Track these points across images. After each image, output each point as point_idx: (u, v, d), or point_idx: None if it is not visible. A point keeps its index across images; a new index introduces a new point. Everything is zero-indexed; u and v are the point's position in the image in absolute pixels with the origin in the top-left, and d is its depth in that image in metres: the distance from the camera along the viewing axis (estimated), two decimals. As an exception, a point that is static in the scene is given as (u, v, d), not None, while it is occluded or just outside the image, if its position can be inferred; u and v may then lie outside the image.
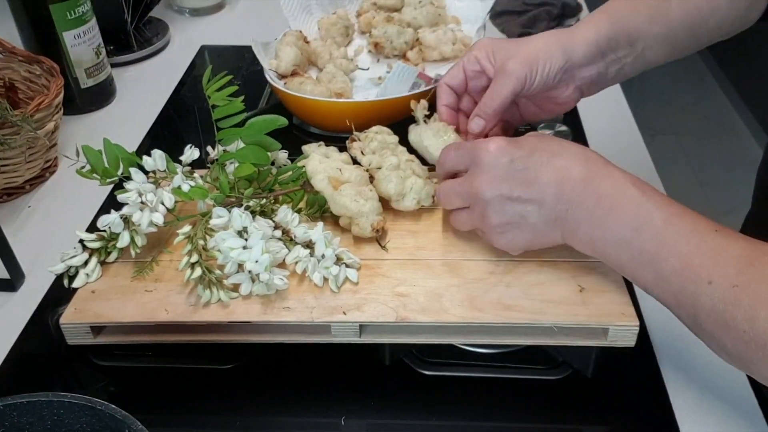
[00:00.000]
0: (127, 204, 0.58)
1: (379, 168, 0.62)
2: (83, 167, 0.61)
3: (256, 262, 0.54)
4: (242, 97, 0.63)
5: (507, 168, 0.52)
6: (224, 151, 0.64)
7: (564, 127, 0.80)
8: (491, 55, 0.63)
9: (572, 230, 0.51)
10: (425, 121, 0.66)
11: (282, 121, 0.64)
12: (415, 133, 0.65)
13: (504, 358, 0.58)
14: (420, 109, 0.65)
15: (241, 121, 0.64)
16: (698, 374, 0.58)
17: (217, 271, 0.55)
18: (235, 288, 0.55)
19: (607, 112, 0.91)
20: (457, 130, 0.65)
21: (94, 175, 0.61)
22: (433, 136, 0.63)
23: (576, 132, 0.85)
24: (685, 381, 0.58)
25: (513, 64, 0.60)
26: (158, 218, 0.58)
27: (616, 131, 0.88)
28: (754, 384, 0.57)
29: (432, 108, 0.67)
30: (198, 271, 0.55)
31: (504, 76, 0.60)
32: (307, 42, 0.91)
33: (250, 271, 0.54)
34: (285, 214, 0.59)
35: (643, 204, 0.49)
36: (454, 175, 0.58)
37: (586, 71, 0.62)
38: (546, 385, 0.57)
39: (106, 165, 0.61)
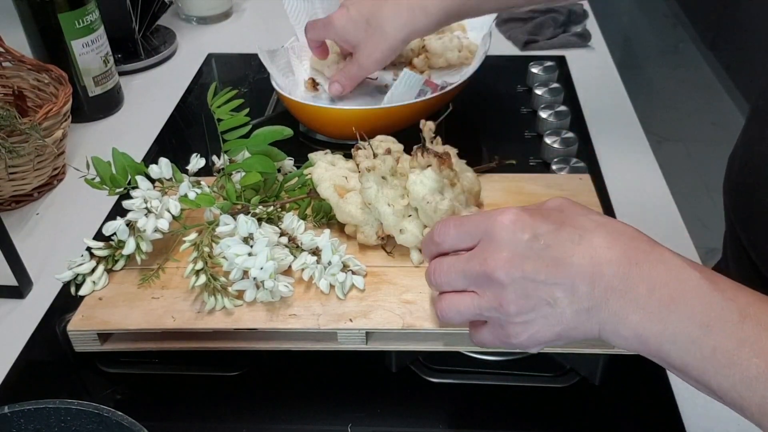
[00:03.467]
0: (132, 210, 0.58)
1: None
2: (93, 178, 0.62)
3: (261, 269, 0.54)
4: (247, 110, 0.64)
5: (529, 245, 0.43)
6: (230, 161, 0.65)
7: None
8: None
9: (614, 323, 0.42)
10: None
11: (287, 131, 0.64)
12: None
13: (511, 365, 0.58)
14: (427, 130, 0.64)
15: (248, 132, 0.64)
16: (707, 382, 0.58)
17: (222, 278, 0.55)
18: (240, 295, 0.55)
19: (614, 119, 0.91)
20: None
21: (103, 185, 0.62)
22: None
23: (582, 138, 0.85)
24: (694, 389, 0.57)
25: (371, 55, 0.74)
26: (163, 224, 0.59)
27: (623, 138, 0.88)
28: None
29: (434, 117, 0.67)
30: (203, 278, 0.55)
31: (367, 59, 0.76)
32: None
33: (254, 278, 0.54)
34: (291, 221, 0.59)
35: (712, 293, 0.41)
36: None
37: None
38: (553, 392, 0.57)
39: (114, 173, 0.62)
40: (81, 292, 0.58)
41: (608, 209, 0.74)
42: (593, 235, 0.43)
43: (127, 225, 0.59)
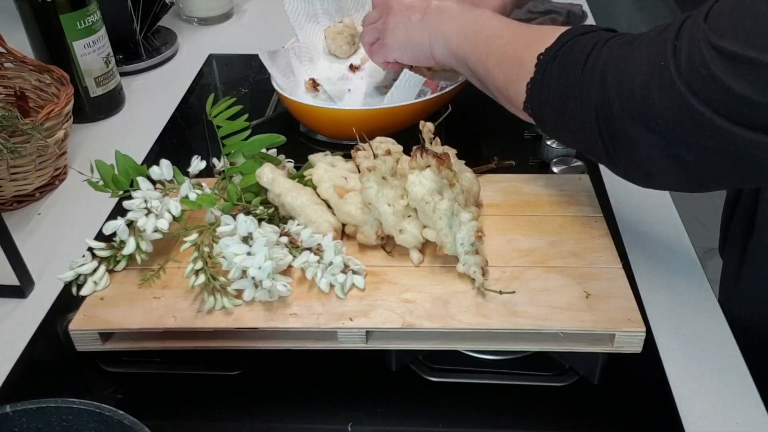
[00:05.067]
0: (132, 210, 0.59)
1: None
2: (98, 181, 0.62)
3: (259, 268, 0.54)
4: (245, 116, 0.65)
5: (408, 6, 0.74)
6: (231, 164, 0.65)
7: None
8: None
9: (435, 26, 0.69)
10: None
11: (281, 139, 0.66)
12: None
13: (510, 364, 0.58)
14: (426, 131, 0.65)
15: (249, 134, 0.65)
16: (705, 380, 0.58)
17: (222, 278, 0.55)
18: (239, 294, 0.56)
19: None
20: None
21: (106, 188, 0.63)
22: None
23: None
24: (692, 387, 0.57)
25: None
26: (163, 224, 0.59)
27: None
28: (762, 390, 0.57)
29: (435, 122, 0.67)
30: (202, 278, 0.55)
31: None
32: None
33: (253, 278, 0.54)
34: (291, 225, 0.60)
35: (492, 17, 0.67)
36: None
37: None
38: (552, 391, 0.57)
39: (117, 175, 0.62)
40: (82, 292, 0.58)
41: (607, 209, 0.74)
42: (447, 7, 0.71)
43: (128, 225, 0.59)
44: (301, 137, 0.88)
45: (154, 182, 0.63)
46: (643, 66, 0.49)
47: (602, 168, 0.81)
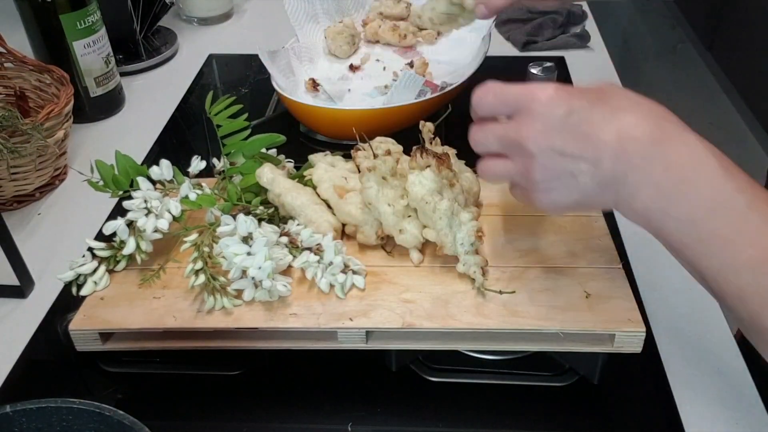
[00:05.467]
0: (132, 210, 0.59)
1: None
2: (98, 182, 0.62)
3: (259, 268, 0.54)
4: (245, 115, 0.65)
5: (562, 120, 0.45)
6: (231, 164, 0.65)
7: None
8: None
9: (628, 196, 0.45)
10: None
11: (281, 139, 0.66)
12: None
13: (510, 364, 0.58)
14: (426, 131, 0.64)
15: (249, 134, 0.65)
16: (705, 381, 0.58)
17: (222, 278, 0.55)
18: (239, 294, 0.56)
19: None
20: None
21: (106, 188, 0.63)
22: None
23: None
24: (693, 388, 0.57)
25: None
26: (163, 224, 0.59)
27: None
28: (763, 390, 0.57)
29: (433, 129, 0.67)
30: (202, 278, 0.55)
31: None
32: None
33: (252, 278, 0.54)
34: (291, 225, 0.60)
35: (725, 181, 0.43)
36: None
37: None
38: (552, 391, 0.57)
39: (117, 174, 0.62)
40: (82, 293, 0.58)
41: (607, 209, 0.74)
42: (625, 113, 0.45)
43: (128, 225, 0.59)
44: (301, 137, 0.88)
45: (154, 182, 0.63)
46: None
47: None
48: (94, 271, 0.59)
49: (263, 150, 0.66)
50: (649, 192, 0.44)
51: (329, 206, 0.62)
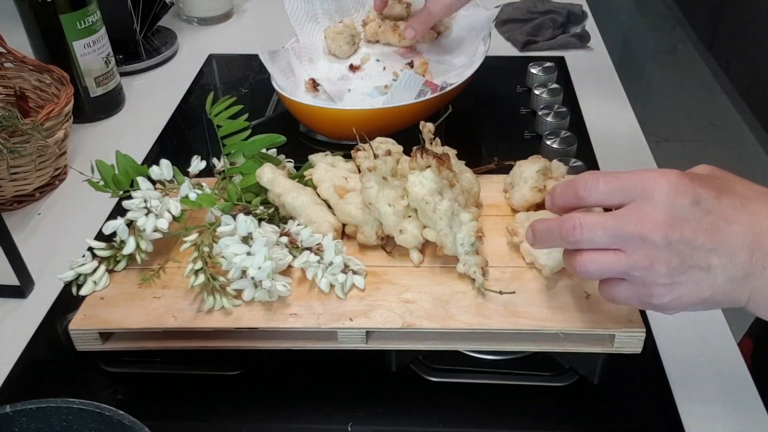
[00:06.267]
0: (132, 210, 0.59)
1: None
2: (98, 182, 0.62)
3: (259, 268, 0.54)
4: (246, 116, 0.64)
5: (689, 209, 0.42)
6: (231, 164, 0.65)
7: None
8: None
9: (766, 292, 0.43)
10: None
11: (281, 139, 0.66)
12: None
13: (510, 364, 0.58)
14: (426, 131, 0.63)
15: (249, 134, 0.65)
16: (705, 381, 0.58)
17: (222, 278, 0.55)
18: (239, 294, 0.56)
19: (612, 119, 0.92)
20: None
21: (106, 188, 0.63)
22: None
23: (581, 138, 0.85)
24: (692, 388, 0.57)
25: None
26: (163, 224, 0.59)
27: (622, 138, 0.89)
28: (763, 391, 0.57)
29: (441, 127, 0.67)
30: (201, 278, 0.55)
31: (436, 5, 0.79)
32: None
33: (252, 278, 0.54)
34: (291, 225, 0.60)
35: None
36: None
37: None
38: (552, 391, 0.57)
39: (117, 174, 0.62)
40: (82, 292, 0.58)
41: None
42: (754, 203, 0.43)
43: (127, 225, 0.59)
44: (301, 137, 0.88)
45: (154, 182, 0.63)
46: None
47: (602, 168, 0.82)
48: (94, 270, 0.59)
49: (263, 150, 0.66)
50: None
51: (329, 206, 0.62)
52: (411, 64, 0.93)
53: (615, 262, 0.44)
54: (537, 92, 0.91)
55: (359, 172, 0.64)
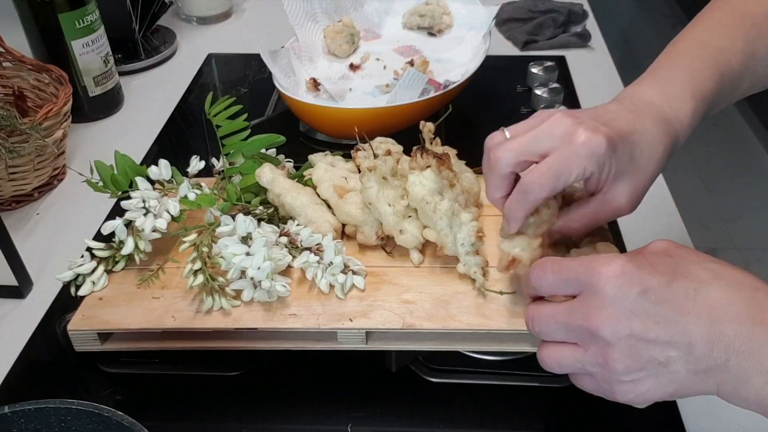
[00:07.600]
0: (130, 210, 0.59)
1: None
2: (97, 182, 0.62)
3: (258, 269, 0.54)
4: (245, 116, 0.64)
5: (637, 301, 0.40)
6: (230, 164, 0.65)
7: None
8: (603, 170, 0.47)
9: (735, 384, 0.40)
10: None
11: (280, 139, 0.66)
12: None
13: (510, 365, 0.58)
14: (427, 131, 0.62)
15: (249, 133, 0.65)
16: (706, 382, 0.58)
17: (221, 279, 0.55)
18: (238, 295, 0.55)
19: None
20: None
21: (105, 189, 0.62)
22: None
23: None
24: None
25: (622, 197, 0.48)
26: (161, 224, 0.59)
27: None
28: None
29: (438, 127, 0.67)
30: (200, 278, 0.55)
31: (607, 204, 0.49)
32: None
33: (252, 278, 0.54)
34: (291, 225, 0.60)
35: None
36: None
37: None
38: (553, 392, 0.57)
39: (116, 174, 0.62)
40: (80, 293, 0.58)
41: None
42: (710, 288, 0.40)
43: (126, 225, 0.59)
44: (301, 137, 0.88)
45: (152, 182, 0.63)
46: None
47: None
48: (93, 271, 0.59)
49: (263, 150, 0.66)
50: (761, 380, 0.39)
51: (329, 206, 0.62)
52: (411, 63, 0.93)
53: (571, 357, 0.43)
54: (538, 92, 0.91)
55: (359, 171, 0.64)
